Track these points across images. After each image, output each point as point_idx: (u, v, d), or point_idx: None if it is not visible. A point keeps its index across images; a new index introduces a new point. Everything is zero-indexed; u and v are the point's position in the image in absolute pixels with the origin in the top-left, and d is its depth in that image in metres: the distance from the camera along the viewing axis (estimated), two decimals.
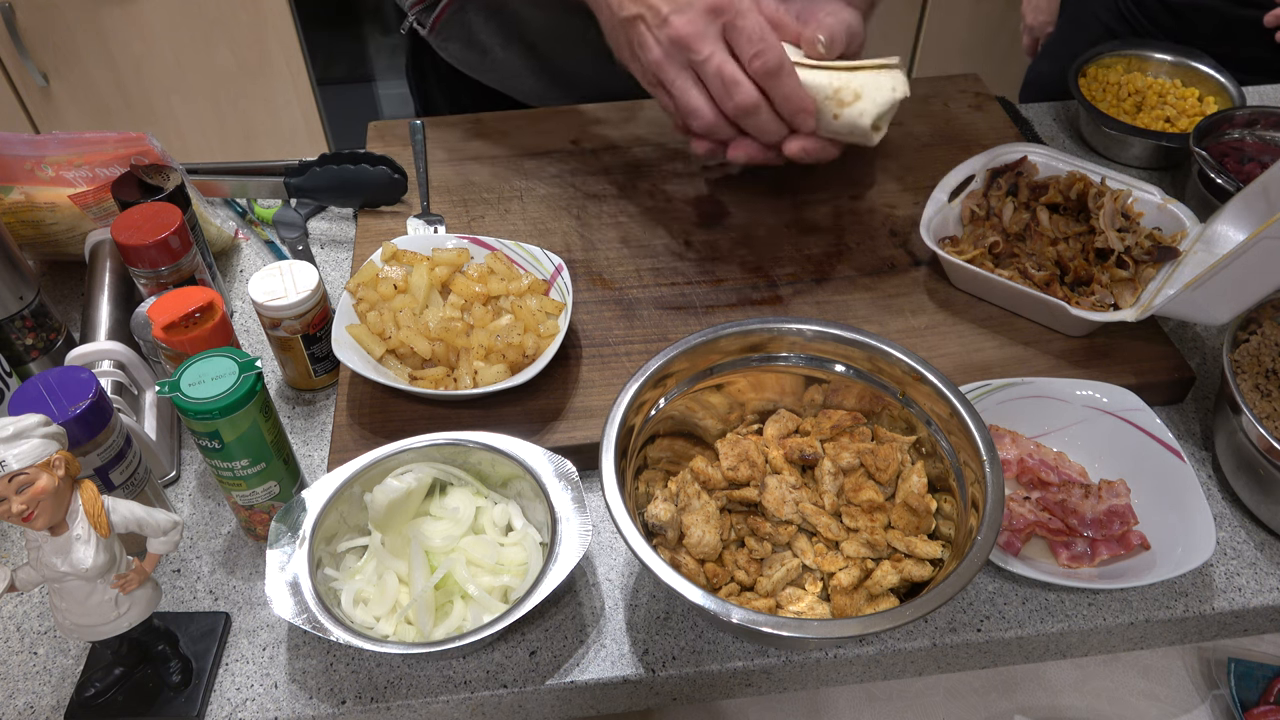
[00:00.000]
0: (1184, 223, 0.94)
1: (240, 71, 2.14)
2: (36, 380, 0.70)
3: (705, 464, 0.76)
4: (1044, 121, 1.27)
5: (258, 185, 1.09)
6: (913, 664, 0.77)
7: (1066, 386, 0.84)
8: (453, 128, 1.19)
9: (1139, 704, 0.95)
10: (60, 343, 0.93)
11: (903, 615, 0.61)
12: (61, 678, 0.73)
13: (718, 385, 0.78)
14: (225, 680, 0.73)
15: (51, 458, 0.58)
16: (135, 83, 2.12)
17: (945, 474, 0.73)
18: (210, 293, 0.79)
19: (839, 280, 0.99)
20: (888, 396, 0.77)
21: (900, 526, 0.73)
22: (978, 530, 0.65)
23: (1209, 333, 0.98)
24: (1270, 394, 0.79)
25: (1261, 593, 0.77)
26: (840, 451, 0.75)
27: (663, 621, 0.76)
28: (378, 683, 0.72)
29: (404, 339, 0.86)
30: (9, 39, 1.98)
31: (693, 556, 0.72)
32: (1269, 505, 0.79)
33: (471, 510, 0.76)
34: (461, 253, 0.93)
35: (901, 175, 1.12)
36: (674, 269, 1.00)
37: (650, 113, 1.21)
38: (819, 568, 0.72)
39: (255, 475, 0.74)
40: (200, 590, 0.78)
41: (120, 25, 2.02)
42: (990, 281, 0.92)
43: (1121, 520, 0.77)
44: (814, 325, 0.77)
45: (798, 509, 0.73)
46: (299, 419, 0.91)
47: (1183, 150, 1.13)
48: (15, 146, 0.98)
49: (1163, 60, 1.23)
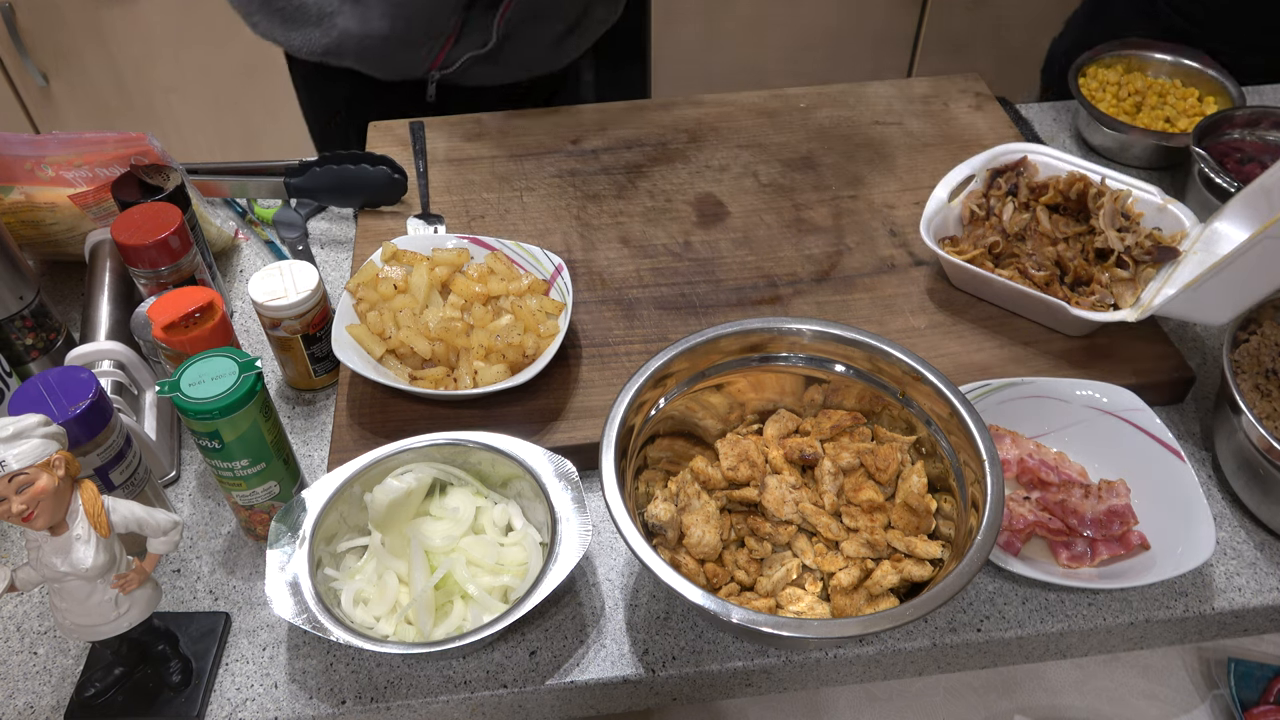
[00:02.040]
0: (1184, 223, 0.94)
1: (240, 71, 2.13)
2: (36, 380, 0.70)
3: (705, 464, 0.76)
4: (1044, 121, 1.26)
5: (258, 185, 1.09)
6: (913, 664, 0.77)
7: (1066, 386, 0.84)
8: (453, 128, 1.19)
9: (1139, 704, 0.95)
10: (60, 343, 0.93)
11: (903, 615, 0.61)
12: (61, 678, 0.73)
13: (718, 385, 0.78)
14: (225, 680, 0.73)
15: (51, 458, 0.58)
16: (135, 83, 2.12)
17: (945, 474, 0.73)
18: (210, 293, 0.79)
19: (839, 280, 0.99)
20: (888, 396, 0.76)
21: (900, 526, 0.73)
22: (978, 530, 0.65)
23: (1209, 333, 0.98)
24: (1270, 394, 0.79)
25: (1261, 593, 0.77)
26: (840, 451, 0.75)
27: (663, 621, 0.76)
28: (378, 683, 0.72)
29: (404, 339, 0.86)
30: (9, 39, 1.98)
31: (693, 556, 0.72)
32: (1269, 505, 0.79)
33: (471, 510, 0.76)
34: (461, 253, 0.93)
35: (901, 175, 1.12)
36: (674, 269, 1.00)
37: (650, 113, 1.21)
38: (819, 568, 0.72)
39: (255, 475, 0.74)
40: (200, 590, 0.78)
41: (120, 25, 2.02)
42: (990, 281, 0.92)
43: (1121, 520, 0.77)
44: (814, 325, 0.77)
45: (798, 509, 0.73)
46: (299, 419, 0.91)
47: (1183, 150, 1.13)
48: (15, 146, 0.98)
49: (1163, 60, 1.23)
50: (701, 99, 1.24)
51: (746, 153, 1.16)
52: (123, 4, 2.00)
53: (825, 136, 1.18)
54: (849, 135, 1.18)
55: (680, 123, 1.20)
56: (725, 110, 1.22)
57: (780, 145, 1.16)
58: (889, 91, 1.24)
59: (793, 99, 1.24)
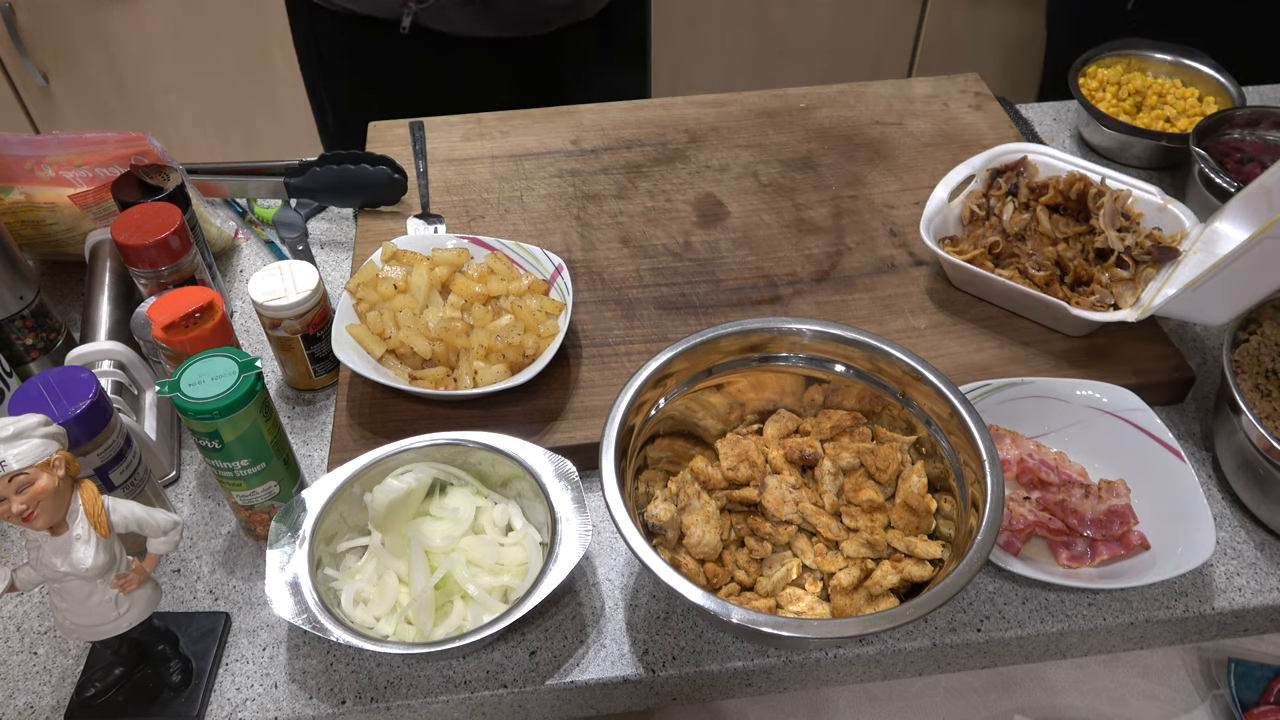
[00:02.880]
0: (1184, 223, 0.94)
1: (240, 71, 2.13)
2: (36, 380, 0.70)
3: (705, 464, 0.76)
4: (1044, 121, 1.26)
5: (258, 185, 1.09)
6: (913, 664, 0.77)
7: (1066, 386, 0.84)
8: (453, 128, 1.19)
9: (1139, 704, 0.95)
10: (60, 343, 0.93)
11: (902, 615, 0.61)
12: (61, 678, 0.73)
13: (718, 385, 0.78)
14: (225, 680, 0.73)
15: (51, 458, 0.58)
16: (135, 83, 2.12)
17: (945, 474, 0.73)
18: (210, 293, 0.79)
19: (839, 280, 0.99)
20: (888, 396, 0.76)
21: (900, 526, 0.73)
22: (978, 530, 0.65)
23: (1209, 333, 0.98)
24: (1270, 394, 0.79)
25: (1261, 593, 0.77)
26: (840, 451, 0.75)
27: (663, 621, 0.76)
28: (378, 683, 0.72)
29: (404, 339, 0.86)
30: (9, 39, 1.98)
31: (693, 556, 0.72)
32: (1269, 505, 0.79)
33: (471, 510, 0.76)
34: (461, 253, 0.93)
35: (901, 175, 1.12)
36: (674, 269, 1.00)
37: (650, 113, 1.21)
38: (819, 568, 0.72)
39: (255, 475, 0.74)
40: (200, 590, 0.78)
41: (120, 25, 2.02)
42: (990, 281, 0.92)
43: (1121, 520, 0.77)
44: (814, 325, 0.77)
45: (798, 509, 0.73)
46: (299, 419, 0.91)
47: (1183, 150, 1.13)
48: (15, 146, 0.98)
49: (1163, 60, 1.23)
50: (701, 99, 1.24)
51: (746, 153, 1.16)
52: (123, 4, 2.00)
53: (825, 136, 1.18)
54: (849, 135, 1.18)
55: (680, 123, 1.20)
56: (725, 110, 1.22)
57: (780, 145, 1.16)
58: (889, 91, 1.24)
59: (793, 99, 1.24)
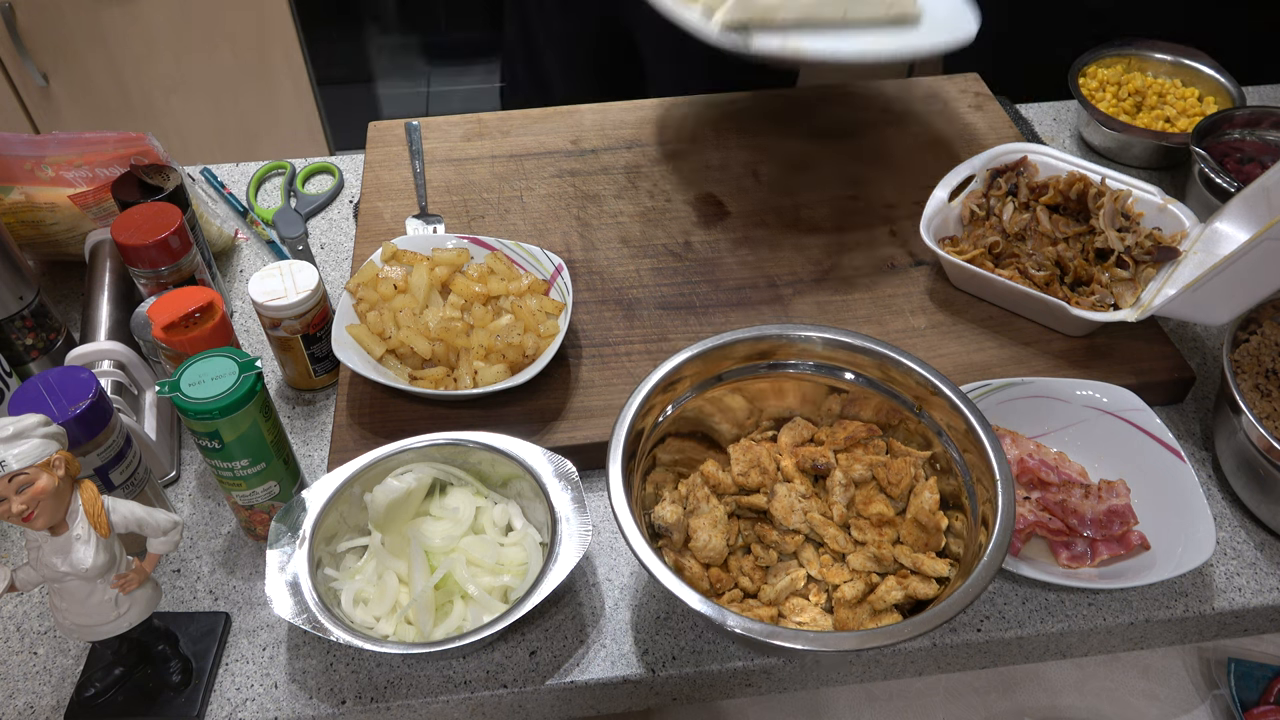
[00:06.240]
0: (1184, 223, 0.94)
1: (240, 71, 2.13)
2: (36, 380, 0.70)
3: (716, 468, 0.75)
4: (1044, 121, 1.26)
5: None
6: (913, 664, 0.77)
7: (1066, 386, 0.84)
8: (453, 128, 1.19)
9: (1139, 704, 0.94)
10: (60, 343, 0.93)
11: (900, 633, 0.60)
12: (61, 678, 0.73)
13: (733, 390, 0.78)
14: (225, 680, 0.73)
15: (51, 458, 0.58)
16: (135, 83, 2.12)
17: (958, 491, 0.72)
18: (210, 293, 0.79)
19: (839, 280, 0.99)
20: (904, 410, 0.76)
21: (909, 542, 0.72)
22: (985, 549, 0.64)
23: (1209, 333, 0.98)
24: (1270, 394, 0.79)
25: (1261, 593, 0.77)
26: (853, 463, 0.75)
27: (663, 621, 0.76)
28: (378, 683, 0.72)
29: (404, 339, 0.86)
30: (9, 39, 1.98)
31: (698, 560, 0.72)
32: (1269, 505, 0.79)
33: (471, 510, 0.76)
34: (461, 253, 0.93)
35: (901, 175, 1.12)
36: (674, 269, 1.00)
37: (650, 113, 1.21)
38: (824, 579, 0.71)
39: (255, 475, 0.74)
40: (200, 590, 0.78)
41: (120, 25, 2.02)
42: (990, 281, 0.92)
43: (1121, 520, 0.77)
44: (825, 333, 0.76)
45: (806, 518, 0.73)
46: (299, 419, 0.91)
47: (1183, 150, 1.13)
48: (15, 146, 0.98)
49: (1162, 60, 1.23)
50: (701, 99, 1.24)
51: (746, 153, 1.16)
52: (123, 4, 2.00)
53: (825, 136, 1.18)
54: (849, 135, 1.18)
55: (680, 123, 1.20)
56: (725, 110, 1.22)
57: (780, 145, 1.16)
58: (889, 91, 1.24)
59: (793, 99, 1.24)
